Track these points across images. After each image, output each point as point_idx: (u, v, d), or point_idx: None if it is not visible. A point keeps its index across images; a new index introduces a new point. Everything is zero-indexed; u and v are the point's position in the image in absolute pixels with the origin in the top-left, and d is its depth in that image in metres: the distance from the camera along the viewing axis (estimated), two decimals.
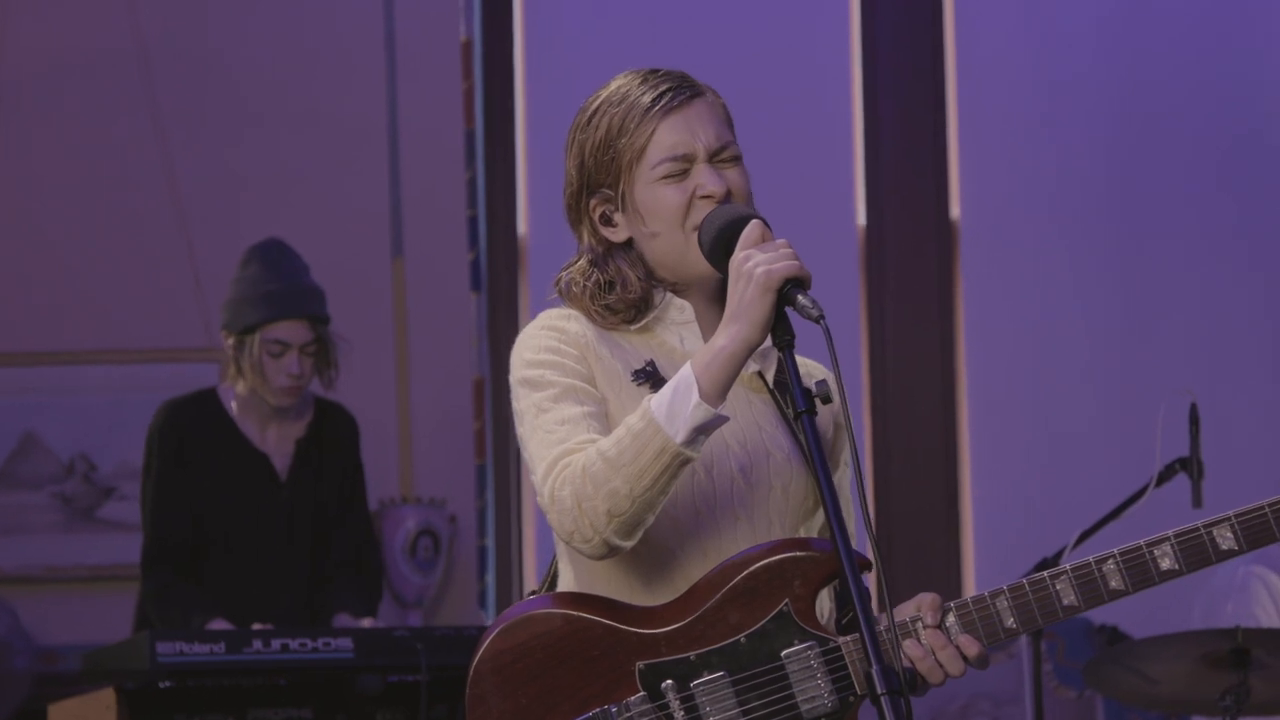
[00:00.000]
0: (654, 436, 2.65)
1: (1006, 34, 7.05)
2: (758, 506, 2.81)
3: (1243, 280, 6.96)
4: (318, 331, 5.21)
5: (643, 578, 2.80)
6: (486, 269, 6.83)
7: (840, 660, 2.71)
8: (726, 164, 2.87)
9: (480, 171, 6.82)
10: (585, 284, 2.89)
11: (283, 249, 5.33)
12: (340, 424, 5.35)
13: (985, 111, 7.03)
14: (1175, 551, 2.73)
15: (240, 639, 4.50)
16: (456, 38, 6.77)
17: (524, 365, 2.84)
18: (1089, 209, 6.97)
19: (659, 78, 2.89)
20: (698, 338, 2.88)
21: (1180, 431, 5.12)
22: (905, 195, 6.98)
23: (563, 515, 2.71)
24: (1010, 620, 2.74)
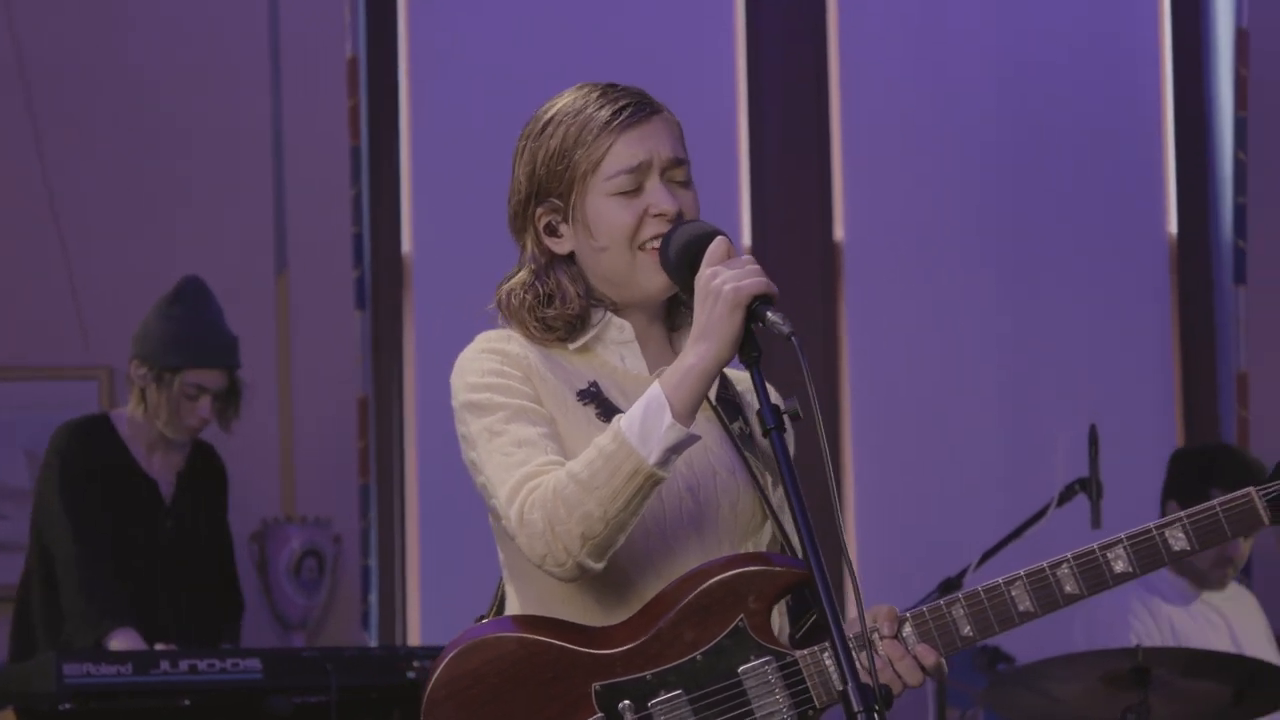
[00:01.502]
0: (627, 458, 2.64)
1: (889, 56, 7.10)
2: (707, 524, 2.81)
3: (1131, 299, 7.06)
4: (231, 379, 5.43)
5: (596, 599, 2.79)
6: (371, 286, 6.78)
7: (798, 674, 2.71)
8: (679, 185, 2.86)
9: (365, 188, 6.77)
10: (524, 296, 2.88)
11: (205, 292, 5.49)
12: (214, 466, 5.56)
13: (868, 133, 7.08)
14: (1128, 554, 2.76)
15: (148, 660, 4.44)
16: (343, 54, 6.72)
17: (468, 389, 2.82)
18: (973, 230, 7.03)
19: (618, 93, 2.88)
20: (639, 357, 2.88)
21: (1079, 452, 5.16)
22: (789, 217, 7.00)
23: (534, 539, 2.68)
24: (967, 628, 2.75)
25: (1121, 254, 7.09)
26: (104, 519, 5.21)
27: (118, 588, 5.07)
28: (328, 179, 6.72)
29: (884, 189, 7.05)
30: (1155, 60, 7.14)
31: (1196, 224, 7.07)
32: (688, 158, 2.89)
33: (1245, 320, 6.90)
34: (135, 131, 6.69)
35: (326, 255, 6.72)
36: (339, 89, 6.72)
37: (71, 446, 5.25)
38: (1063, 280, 7.01)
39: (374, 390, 6.75)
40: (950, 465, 6.90)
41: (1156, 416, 7.03)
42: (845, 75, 7.07)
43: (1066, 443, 6.05)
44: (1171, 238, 7.10)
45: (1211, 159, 7.05)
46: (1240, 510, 2.76)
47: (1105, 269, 7.06)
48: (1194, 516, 2.76)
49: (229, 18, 6.78)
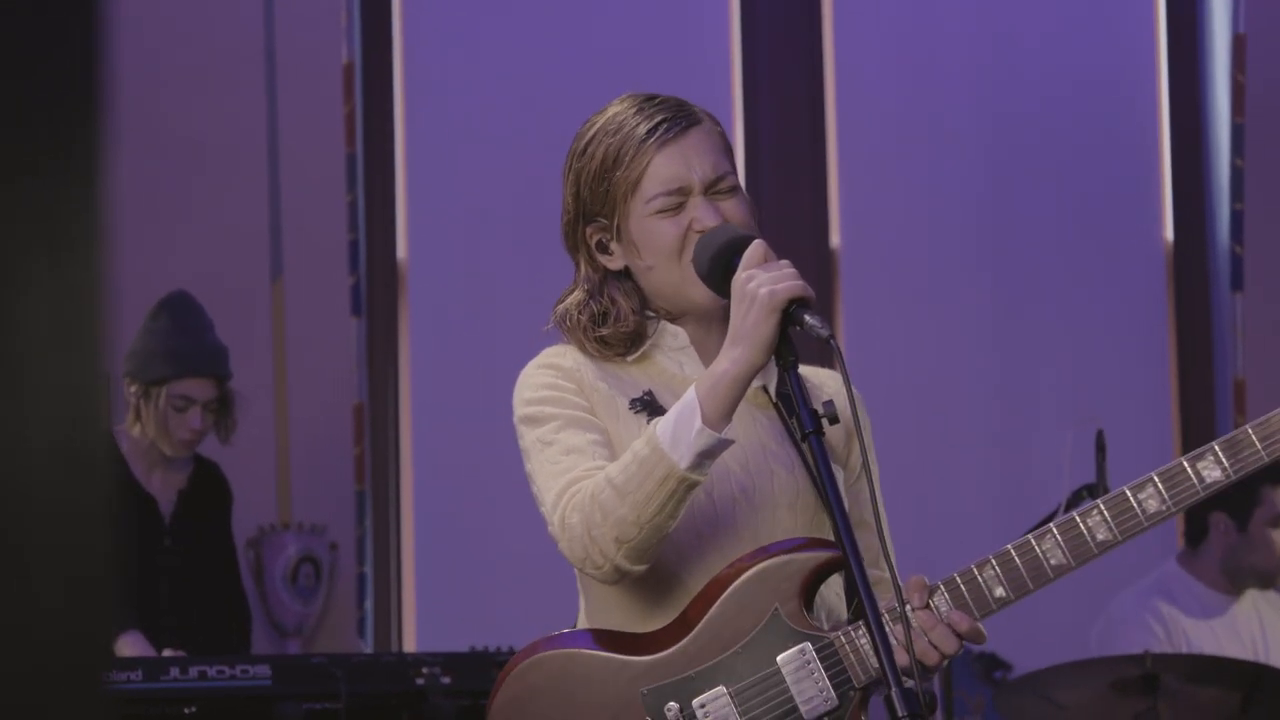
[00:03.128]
0: (659, 463, 2.64)
1: (884, 64, 7.10)
2: (763, 527, 2.80)
3: (1128, 306, 7.07)
4: (221, 390, 5.37)
5: (651, 604, 2.80)
6: (366, 293, 6.76)
7: (835, 656, 2.71)
8: (723, 195, 2.85)
9: (361, 195, 6.75)
10: (579, 317, 2.88)
11: (191, 304, 5.46)
12: (219, 484, 5.53)
13: (865, 140, 7.08)
14: (1160, 492, 2.70)
15: (157, 666, 4.41)
16: (339, 60, 6.70)
17: (524, 404, 2.84)
18: (969, 237, 7.04)
19: (655, 106, 2.87)
20: (696, 362, 2.88)
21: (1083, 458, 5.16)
22: (785, 223, 6.99)
23: (573, 543, 2.70)
24: (1000, 590, 2.72)
25: (1118, 260, 7.10)
26: None
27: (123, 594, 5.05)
28: (323, 185, 6.70)
29: (879, 196, 7.06)
30: (1152, 66, 7.15)
31: (1193, 230, 7.07)
32: (732, 166, 2.88)
33: (1242, 327, 6.91)
34: (130, 137, 6.65)
35: (322, 262, 6.70)
36: (335, 95, 6.70)
37: None
38: (1059, 287, 7.02)
39: (369, 397, 6.73)
40: (946, 471, 6.90)
41: (1153, 423, 7.04)
42: (840, 82, 7.07)
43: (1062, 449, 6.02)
44: (1168, 244, 7.11)
45: (1208, 165, 7.05)
46: (1274, 428, 2.68)
47: (1102, 275, 7.07)
48: (1227, 443, 2.67)
49: (224, 23, 6.76)
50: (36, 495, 0.91)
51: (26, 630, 0.93)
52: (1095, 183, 7.09)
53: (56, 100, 0.90)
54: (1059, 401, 6.92)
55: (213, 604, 5.37)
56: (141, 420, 5.30)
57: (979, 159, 7.06)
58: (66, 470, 0.91)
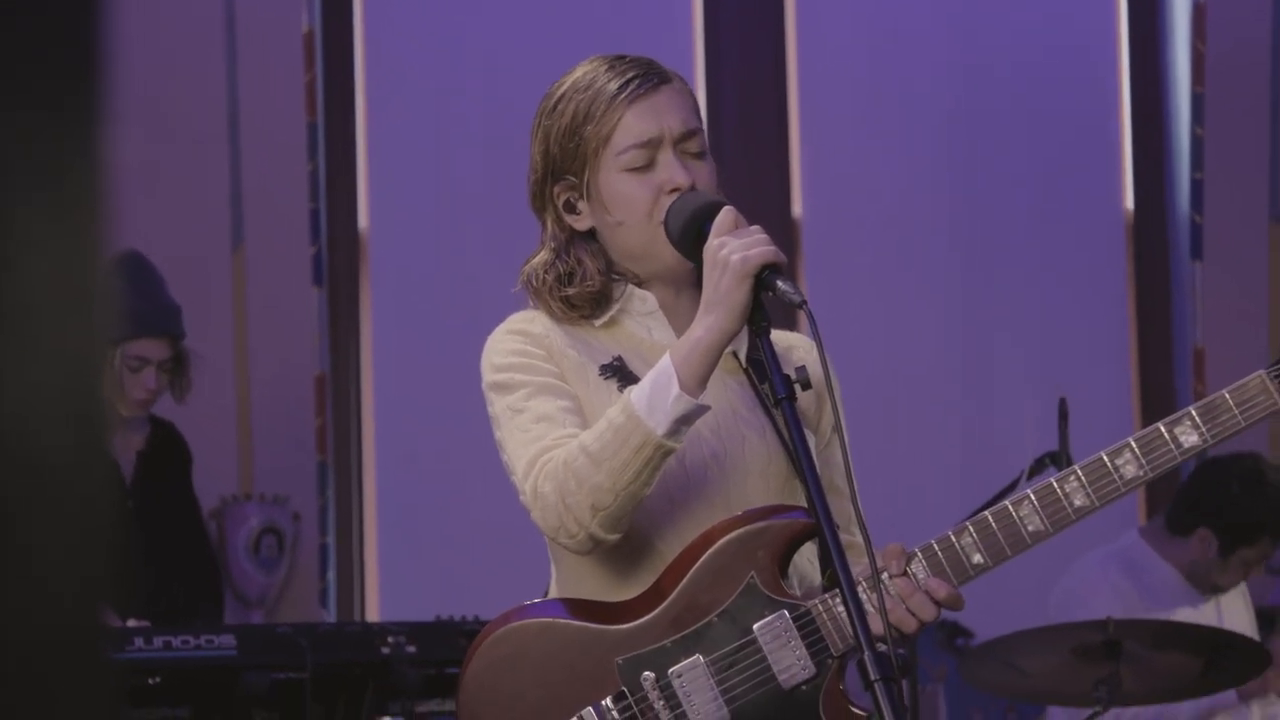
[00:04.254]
0: (635, 429, 2.63)
1: (847, 32, 7.10)
2: (734, 493, 2.79)
3: (1088, 274, 7.09)
4: (176, 349, 5.31)
5: (625, 572, 2.79)
6: (328, 263, 6.74)
7: (813, 624, 2.70)
8: (693, 157, 2.84)
9: (322, 164, 6.73)
10: (545, 276, 2.86)
11: (143, 263, 5.38)
12: (177, 444, 5.48)
13: (826, 110, 7.08)
14: (1139, 458, 2.69)
15: (121, 637, 4.39)
16: (299, 28, 6.67)
17: (492, 370, 2.82)
18: (930, 206, 7.05)
19: (626, 64, 2.86)
20: (665, 327, 2.86)
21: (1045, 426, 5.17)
22: (747, 193, 6.96)
23: (546, 511, 2.68)
24: (977, 556, 2.71)
25: (1079, 229, 7.12)
26: None
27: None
28: (284, 154, 6.67)
29: (842, 165, 7.06)
30: (1112, 36, 7.16)
31: (1153, 199, 7.10)
32: (701, 126, 2.87)
33: (1201, 295, 6.94)
34: None
35: (283, 231, 6.67)
36: (295, 64, 6.67)
37: None
38: (1020, 255, 7.03)
39: (331, 367, 6.71)
40: (909, 439, 6.92)
41: (1113, 391, 7.06)
42: (803, 51, 7.07)
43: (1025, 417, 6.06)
44: (1128, 213, 7.13)
45: (1168, 134, 7.08)
46: (1251, 393, 2.67)
47: (1062, 244, 7.08)
48: (1204, 408, 2.66)
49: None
50: (44, 462, 0.91)
51: (33, 600, 0.93)
52: (1056, 152, 7.11)
53: (55, 51, 0.88)
54: (1021, 369, 6.94)
55: (180, 564, 5.34)
56: None
57: (941, 128, 7.07)
58: (75, 437, 0.89)
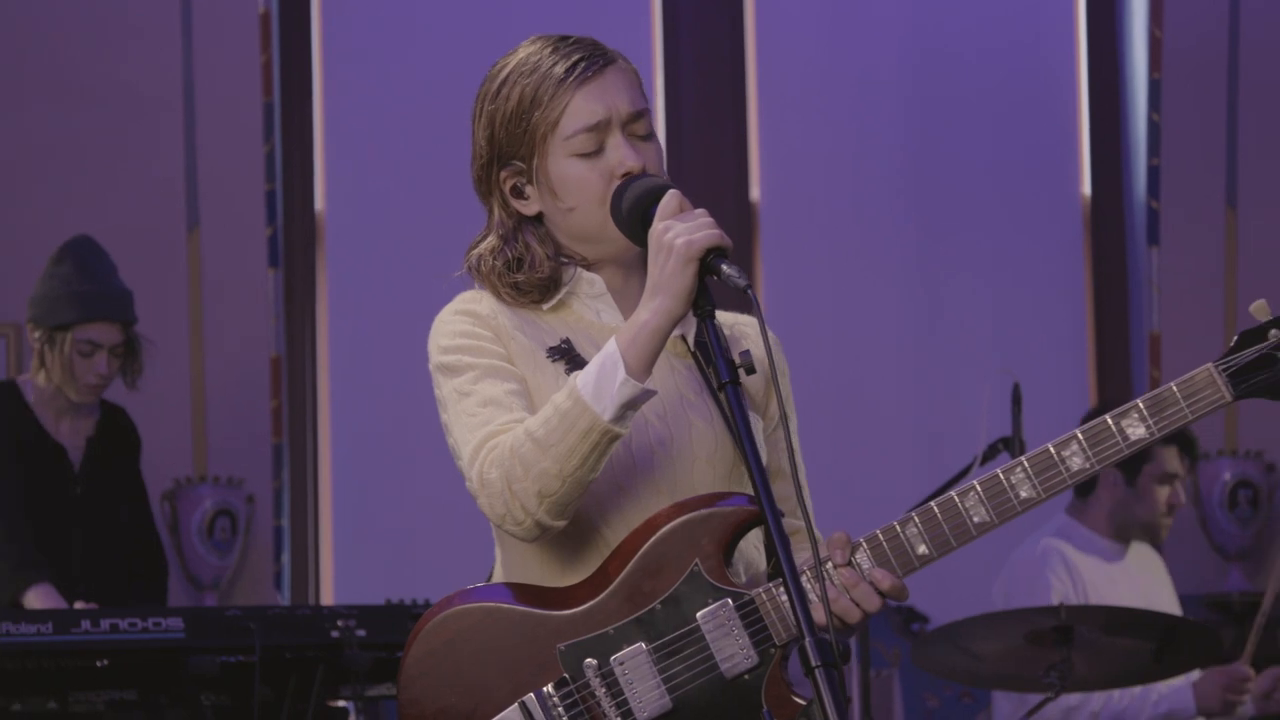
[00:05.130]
0: (582, 414, 2.60)
1: (805, 17, 7.10)
2: (680, 478, 2.76)
3: (1046, 260, 7.10)
4: (127, 334, 5.28)
5: (569, 558, 2.76)
6: (284, 244, 6.71)
7: (756, 613, 2.67)
8: (641, 139, 2.80)
9: (278, 145, 6.70)
10: (494, 262, 2.82)
11: (94, 248, 5.35)
12: (126, 429, 5.44)
13: (785, 94, 7.07)
14: (1084, 448, 2.65)
15: (68, 619, 4.37)
16: (255, 10, 6.65)
17: (440, 351, 2.79)
18: (888, 191, 7.05)
19: (570, 45, 2.81)
20: (614, 310, 2.83)
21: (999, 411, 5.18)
22: (705, 176, 6.98)
23: (493, 498, 2.66)
24: (923, 547, 2.67)
25: (1036, 215, 7.12)
26: (14, 485, 5.11)
27: (32, 547, 5.00)
28: (240, 135, 6.65)
29: (800, 150, 7.05)
30: (1070, 22, 7.16)
31: (1110, 185, 7.10)
32: (648, 105, 2.83)
33: (1158, 281, 6.94)
34: (44, 87, 6.59)
35: (239, 212, 6.65)
36: (252, 44, 6.65)
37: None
38: (978, 240, 7.03)
39: (287, 349, 6.69)
40: (867, 423, 6.92)
41: (1070, 376, 7.07)
42: (761, 35, 7.06)
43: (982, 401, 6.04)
44: (1085, 199, 7.14)
45: (1125, 121, 7.08)
46: (1198, 386, 2.63)
47: (1020, 230, 7.09)
48: (1151, 400, 2.62)
49: None
50: None
51: None
52: (1013, 138, 7.11)
53: None
54: (979, 354, 6.94)
55: (128, 550, 5.31)
56: (46, 367, 5.21)
57: (899, 113, 7.07)
58: None
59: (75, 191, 6.50)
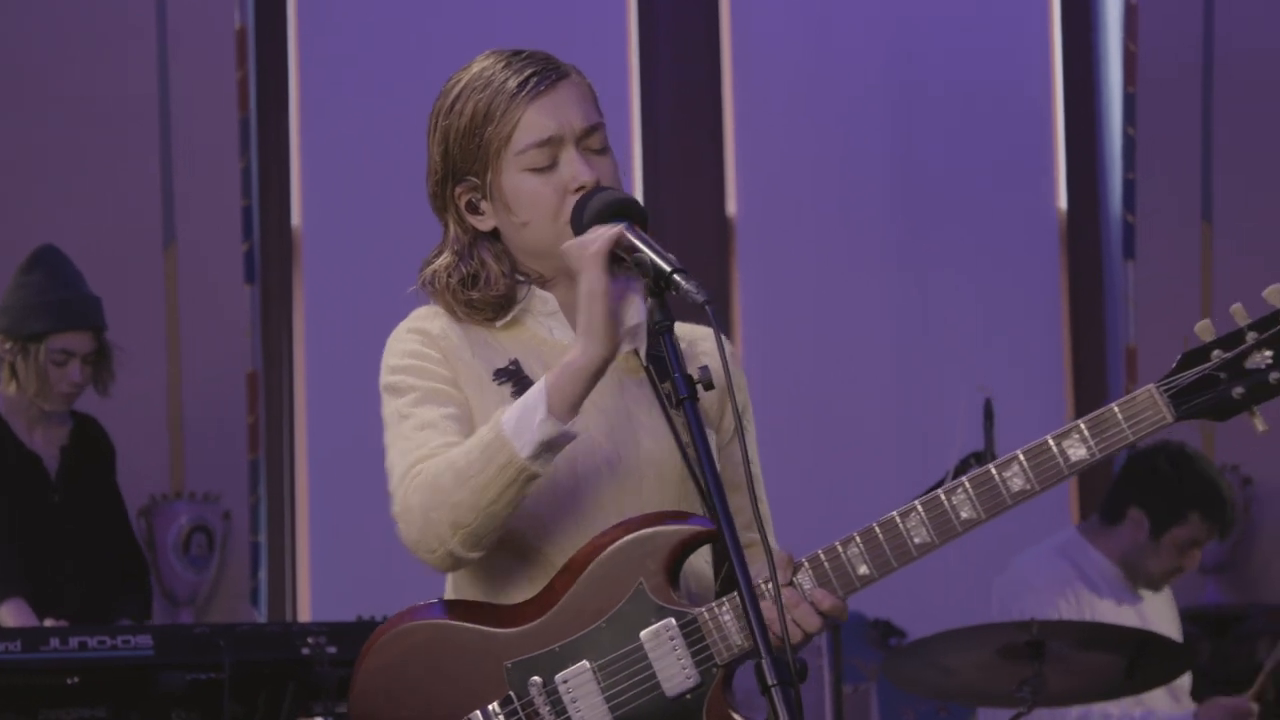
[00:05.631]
0: (501, 449, 2.61)
1: (782, 30, 7.11)
2: (628, 498, 2.76)
3: (1022, 274, 7.10)
4: (99, 341, 5.29)
5: (517, 577, 2.76)
6: (260, 260, 6.71)
7: (699, 632, 2.67)
8: (595, 153, 2.80)
9: (254, 161, 6.70)
10: (449, 279, 2.82)
11: (61, 257, 5.35)
12: (100, 438, 5.44)
13: (761, 108, 7.08)
14: (1025, 470, 2.65)
15: (37, 637, 4.37)
16: (231, 25, 6.65)
17: (388, 371, 2.80)
18: (864, 205, 7.05)
19: (523, 60, 2.80)
20: (566, 327, 2.83)
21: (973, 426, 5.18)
22: (681, 191, 6.99)
23: (410, 525, 2.67)
24: (864, 568, 2.68)
25: (1012, 229, 7.13)
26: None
27: (5, 560, 4.99)
28: (216, 151, 6.65)
29: (776, 164, 7.06)
30: (1045, 36, 7.17)
31: (1086, 199, 7.11)
32: (602, 119, 2.82)
33: (1134, 295, 6.95)
34: (19, 101, 6.58)
35: (215, 228, 6.65)
36: (228, 60, 6.65)
37: None
38: (954, 255, 7.04)
39: (264, 364, 6.69)
40: (843, 439, 6.92)
41: (1046, 389, 7.08)
42: (737, 49, 7.06)
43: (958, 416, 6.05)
44: (1061, 213, 7.15)
45: (1100, 134, 7.09)
46: (1140, 408, 2.62)
47: (996, 244, 7.09)
48: (1093, 421, 2.62)
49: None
50: None
51: None
52: (989, 152, 7.11)
53: None
54: (956, 368, 6.94)
55: (106, 559, 5.30)
56: (19, 377, 5.21)
57: (874, 127, 7.08)
58: None
59: (50, 205, 6.49)
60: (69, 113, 6.58)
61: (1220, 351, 2.61)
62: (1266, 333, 2.58)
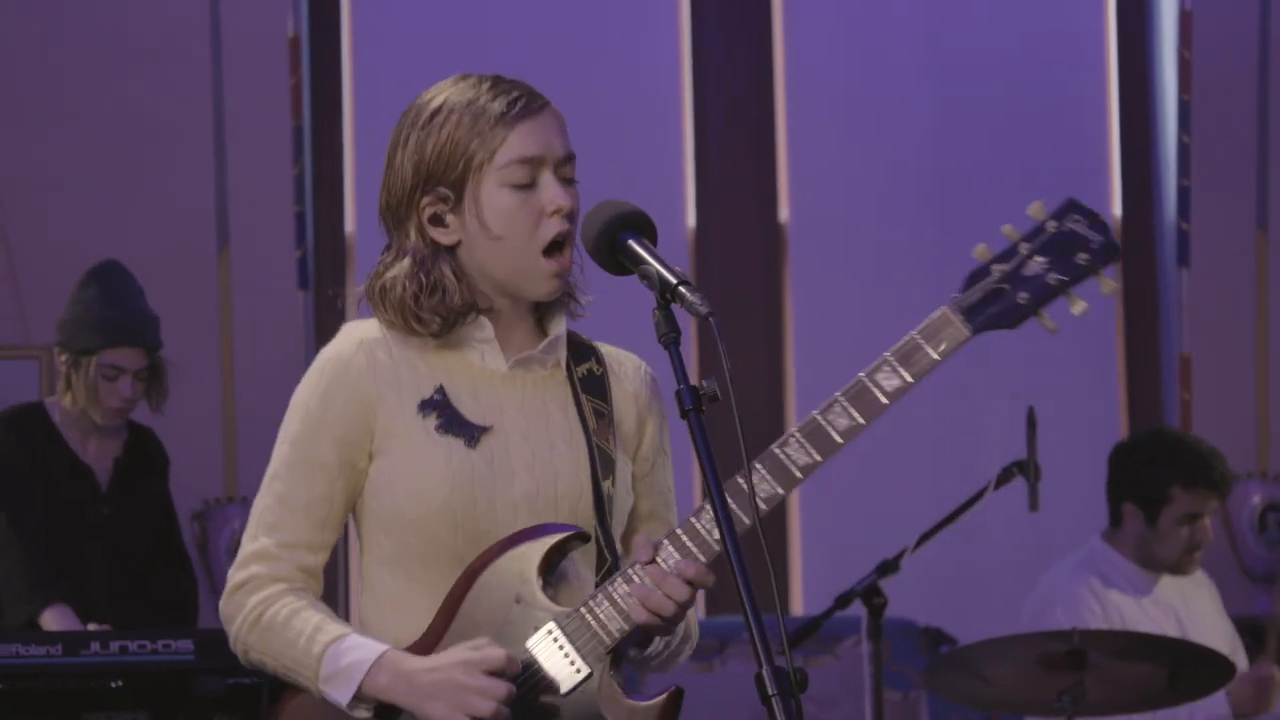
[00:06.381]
0: (307, 668, 2.78)
1: (833, 37, 7.10)
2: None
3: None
4: (151, 359, 5.35)
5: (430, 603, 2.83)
6: (314, 266, 6.75)
7: (580, 627, 2.77)
8: (569, 182, 2.87)
9: (308, 168, 6.75)
10: (404, 288, 2.85)
11: (121, 273, 5.41)
12: (154, 450, 5.50)
13: (812, 115, 7.07)
14: (847, 408, 2.85)
15: (78, 640, 4.42)
16: (284, 33, 6.69)
17: (297, 392, 2.89)
18: (916, 212, 7.03)
19: (508, 85, 2.87)
20: (498, 354, 2.87)
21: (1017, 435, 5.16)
22: (733, 198, 7.00)
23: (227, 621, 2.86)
24: (716, 531, 2.73)
25: None
26: (39, 507, 5.17)
27: (50, 566, 5.05)
28: (270, 158, 6.69)
29: (828, 170, 7.05)
30: (1099, 43, 7.14)
31: (1140, 206, 7.08)
32: (574, 153, 2.89)
33: (1188, 303, 6.92)
34: (76, 110, 6.65)
35: (269, 235, 6.69)
36: (281, 68, 6.69)
37: (3, 437, 5.25)
38: None
39: None
40: (891, 447, 6.89)
41: (1099, 399, 7.05)
42: (789, 56, 7.06)
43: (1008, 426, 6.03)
44: (1115, 220, 7.11)
45: (1155, 141, 7.06)
46: (937, 327, 2.88)
47: None
48: (898, 351, 2.86)
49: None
50: None
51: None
52: (1043, 159, 7.08)
53: None
54: (1006, 376, 6.91)
55: (156, 570, 5.36)
56: (72, 389, 5.28)
57: (928, 134, 7.06)
58: None
59: (105, 214, 6.55)
60: (124, 121, 6.63)
61: (1000, 265, 2.85)
62: (1035, 241, 2.85)
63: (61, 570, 5.08)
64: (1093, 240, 2.87)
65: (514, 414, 2.84)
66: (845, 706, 6.36)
